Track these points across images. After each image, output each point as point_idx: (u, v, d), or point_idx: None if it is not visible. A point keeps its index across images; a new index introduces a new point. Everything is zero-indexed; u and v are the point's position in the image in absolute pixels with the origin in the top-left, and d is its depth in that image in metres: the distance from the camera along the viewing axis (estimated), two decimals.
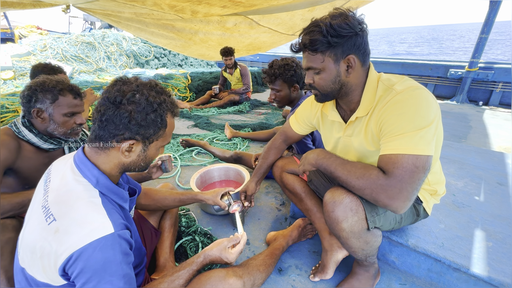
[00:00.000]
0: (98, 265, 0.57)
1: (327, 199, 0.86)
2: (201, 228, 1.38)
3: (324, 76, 0.85)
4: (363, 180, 0.76)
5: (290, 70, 1.54)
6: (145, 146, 0.73)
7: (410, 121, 0.72)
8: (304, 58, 0.88)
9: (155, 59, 5.86)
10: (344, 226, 0.84)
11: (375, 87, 0.85)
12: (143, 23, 3.76)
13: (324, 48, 0.80)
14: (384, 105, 0.79)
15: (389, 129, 0.76)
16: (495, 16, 3.62)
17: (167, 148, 2.38)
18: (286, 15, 3.60)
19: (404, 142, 0.72)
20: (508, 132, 2.79)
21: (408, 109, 0.74)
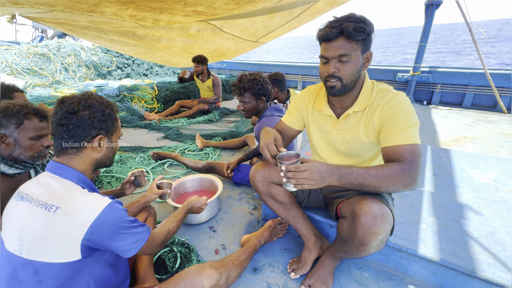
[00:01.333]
0: (116, 221, 0.76)
1: (366, 212, 0.88)
2: (178, 239, 1.44)
3: (352, 64, 0.92)
4: (394, 177, 0.85)
5: (258, 84, 1.69)
6: (110, 139, 0.91)
7: (410, 119, 0.92)
8: (332, 46, 0.91)
9: (118, 69, 5.67)
10: (380, 237, 0.90)
11: (371, 88, 1.02)
12: (101, 31, 3.65)
13: (361, 37, 0.89)
14: (386, 102, 0.95)
15: (394, 124, 0.92)
16: (430, 27, 4.16)
17: (138, 162, 2.37)
18: (248, 21, 3.74)
19: (409, 134, 0.90)
20: (446, 127, 3.23)
21: (407, 109, 0.93)
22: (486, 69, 3.88)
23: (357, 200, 0.94)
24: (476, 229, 1.22)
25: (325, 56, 0.94)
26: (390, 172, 0.85)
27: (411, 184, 0.86)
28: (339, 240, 1.06)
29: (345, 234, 0.98)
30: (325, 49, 0.94)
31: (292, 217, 1.24)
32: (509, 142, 2.73)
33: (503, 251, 1.10)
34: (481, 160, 1.90)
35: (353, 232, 0.92)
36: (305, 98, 1.20)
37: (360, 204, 0.91)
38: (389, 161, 0.93)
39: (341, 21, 0.88)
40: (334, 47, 0.91)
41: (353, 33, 0.87)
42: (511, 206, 1.38)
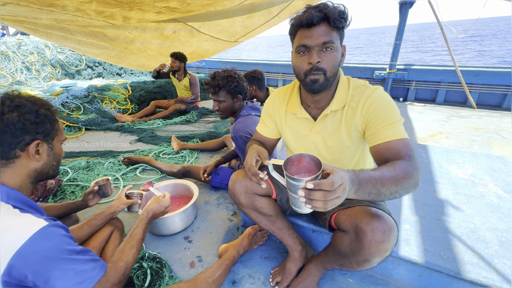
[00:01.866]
0: (50, 251, 0.60)
1: (373, 228, 0.78)
2: (149, 253, 1.31)
3: (335, 55, 0.84)
4: (408, 176, 0.72)
5: (233, 82, 1.57)
6: (50, 144, 0.77)
7: (394, 113, 0.85)
8: (315, 33, 0.81)
9: (88, 68, 5.31)
10: (388, 253, 0.82)
11: (347, 84, 0.94)
12: (67, 31, 3.37)
13: (342, 25, 0.82)
14: (366, 99, 0.88)
15: (380, 120, 0.84)
16: (404, 26, 4.26)
17: (107, 168, 2.18)
18: (227, 22, 3.65)
19: (398, 129, 0.83)
20: (422, 124, 3.30)
21: (389, 103, 0.87)
22: (457, 66, 4.04)
23: (360, 212, 0.84)
24: (458, 227, 1.20)
25: (307, 45, 0.83)
26: (403, 172, 0.72)
27: (419, 183, 0.76)
28: (334, 252, 0.97)
29: (346, 249, 0.87)
30: (306, 36, 0.82)
31: (277, 228, 1.14)
32: (480, 136, 2.83)
33: (485, 249, 1.08)
34: (458, 155, 1.93)
35: (357, 249, 0.82)
36: (276, 102, 1.10)
37: (366, 217, 0.80)
38: (384, 160, 0.81)
39: (321, 7, 0.81)
40: (318, 34, 0.80)
41: (338, 19, 0.80)
42: (489, 201, 1.38)
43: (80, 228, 1.10)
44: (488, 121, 3.35)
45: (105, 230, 1.18)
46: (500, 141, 2.68)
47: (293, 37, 0.89)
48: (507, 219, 1.25)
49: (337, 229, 0.96)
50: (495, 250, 1.08)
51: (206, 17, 3.47)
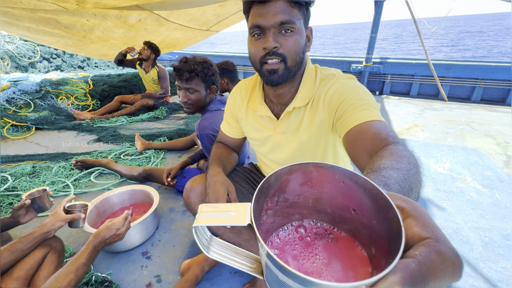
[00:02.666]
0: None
1: None
2: (96, 276, 1.10)
3: (297, 38, 0.68)
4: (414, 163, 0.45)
5: (210, 69, 1.36)
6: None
7: (367, 96, 0.67)
8: (271, 10, 0.65)
9: (44, 60, 4.77)
10: None
11: (314, 76, 0.77)
12: (11, 16, 2.93)
13: (303, 3, 0.67)
14: (329, 88, 0.72)
15: (349, 103, 0.66)
16: (380, 19, 4.25)
17: (56, 173, 1.89)
18: (197, 10, 3.39)
19: (372, 111, 0.62)
20: (398, 117, 3.31)
21: (358, 86, 0.70)
22: (429, 60, 4.10)
23: None
24: (441, 228, 1.12)
25: (260, 25, 0.66)
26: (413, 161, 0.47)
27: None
28: None
29: None
30: (259, 14, 0.66)
31: (243, 240, 0.98)
32: (453, 129, 2.86)
33: (470, 252, 1.00)
34: (435, 149, 1.88)
35: None
36: (237, 97, 0.94)
37: None
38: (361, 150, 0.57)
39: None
40: (273, 11, 0.64)
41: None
42: (469, 197, 1.32)
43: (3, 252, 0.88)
44: (459, 113, 3.43)
45: (35, 254, 0.97)
46: (471, 133, 2.72)
47: (247, 15, 0.72)
48: (488, 216, 1.19)
49: None
50: (480, 252, 1.00)
51: (174, 4, 3.19)
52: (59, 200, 1.60)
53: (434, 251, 0.21)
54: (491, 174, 1.55)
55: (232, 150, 1.06)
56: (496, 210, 1.23)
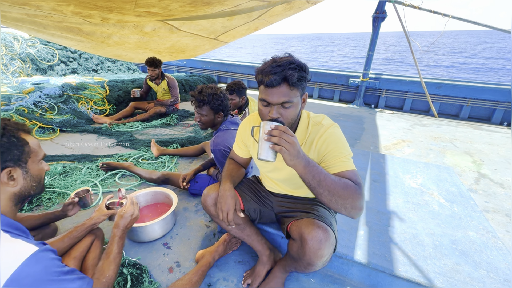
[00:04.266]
0: (42, 274, 0.65)
1: (312, 237, 0.94)
2: (129, 259, 1.39)
3: (293, 110, 0.93)
4: (348, 191, 0.87)
5: (218, 100, 1.66)
6: (24, 168, 0.79)
7: (345, 149, 0.99)
8: (275, 93, 0.90)
9: (62, 63, 5.09)
10: (325, 259, 0.97)
11: (307, 123, 1.07)
12: (39, 25, 3.24)
13: (302, 83, 0.91)
14: (320, 137, 1.01)
15: (332, 155, 0.97)
16: (377, 38, 4.56)
17: (85, 174, 2.19)
18: (207, 22, 3.68)
19: (348, 163, 0.96)
20: (388, 131, 3.60)
21: (340, 140, 1.00)
22: (421, 78, 4.41)
23: (305, 224, 1.00)
24: (403, 232, 1.41)
25: (267, 101, 0.93)
26: (345, 185, 0.88)
27: (358, 208, 0.89)
28: (289, 257, 1.13)
29: (295, 254, 1.04)
30: (267, 94, 0.92)
31: (246, 235, 1.29)
32: (436, 145, 3.16)
33: (422, 252, 1.29)
34: (412, 166, 2.18)
35: (301, 254, 0.99)
36: (247, 128, 1.24)
37: (308, 228, 0.97)
38: None
39: (283, 66, 0.88)
40: (277, 94, 0.90)
41: (296, 83, 0.89)
42: (432, 209, 1.62)
43: (61, 241, 1.15)
44: (446, 130, 3.73)
45: (86, 240, 1.25)
46: (452, 150, 3.02)
47: (258, 85, 0.99)
48: (443, 225, 1.48)
49: (290, 238, 1.13)
50: (430, 252, 1.29)
51: (187, 18, 3.50)
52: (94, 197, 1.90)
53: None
54: (455, 190, 1.84)
55: (241, 166, 1.36)
56: (451, 220, 1.52)
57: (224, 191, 1.16)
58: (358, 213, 0.90)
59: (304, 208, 1.17)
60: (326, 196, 0.88)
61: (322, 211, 1.12)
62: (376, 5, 4.38)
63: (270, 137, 0.84)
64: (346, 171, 0.95)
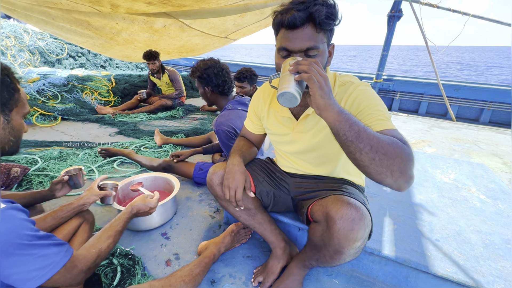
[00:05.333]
0: (7, 236, 0.53)
1: (342, 215, 0.73)
2: (121, 249, 1.20)
3: (320, 59, 0.74)
4: (394, 146, 0.63)
5: (198, 71, 1.50)
6: (7, 116, 0.67)
7: (382, 107, 0.78)
8: (298, 36, 0.72)
9: (70, 57, 5.05)
10: (358, 245, 0.76)
11: (333, 83, 0.87)
12: (48, 15, 3.17)
13: (330, 27, 0.73)
14: (349, 96, 0.82)
15: (369, 112, 0.76)
16: (392, 37, 4.40)
17: (82, 159, 2.03)
18: (218, 20, 3.60)
19: (389, 122, 0.75)
20: (405, 132, 3.38)
21: (373, 97, 0.80)
22: (439, 80, 4.20)
23: (331, 201, 0.79)
24: (444, 229, 1.19)
25: (288, 48, 0.75)
26: (391, 140, 0.64)
27: (409, 175, 0.64)
28: (310, 247, 0.92)
29: (318, 240, 0.83)
30: (288, 38, 0.74)
31: (257, 223, 1.08)
32: (460, 146, 2.92)
33: (471, 251, 1.07)
34: (441, 161, 1.96)
35: (327, 239, 0.78)
36: (260, 99, 1.07)
37: (336, 205, 0.76)
38: None
39: (307, 3, 0.71)
40: (301, 37, 0.72)
41: (325, 21, 0.70)
42: (473, 205, 1.39)
43: (43, 220, 0.98)
44: (467, 133, 3.49)
45: (72, 222, 1.07)
46: (478, 151, 2.78)
47: (276, 33, 0.81)
48: (490, 222, 1.26)
49: (312, 221, 0.92)
50: (481, 252, 1.07)
51: (198, 13, 3.41)
52: (88, 183, 1.72)
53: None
54: (495, 186, 1.61)
55: (253, 144, 1.17)
56: (498, 218, 1.29)
57: (233, 166, 0.97)
58: (408, 181, 0.65)
59: (329, 186, 0.97)
60: (368, 154, 0.63)
61: (351, 189, 0.91)
62: (391, 4, 4.25)
63: (297, 66, 0.65)
64: (387, 129, 0.71)
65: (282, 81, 0.68)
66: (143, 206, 1.04)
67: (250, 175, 1.09)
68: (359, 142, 0.63)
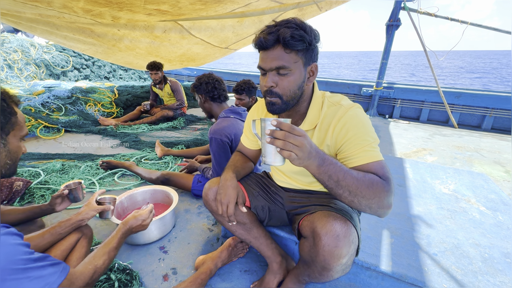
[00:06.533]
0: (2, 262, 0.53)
1: (327, 231, 0.74)
2: (119, 264, 1.20)
3: (292, 79, 0.79)
4: (374, 189, 0.71)
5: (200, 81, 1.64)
6: (3, 140, 0.70)
7: (368, 135, 0.80)
8: (269, 56, 0.78)
9: (75, 70, 5.17)
10: (344, 261, 0.77)
11: (321, 103, 0.89)
12: (52, 26, 3.27)
13: (302, 47, 0.76)
14: (338, 120, 0.83)
15: (353, 144, 0.80)
16: (391, 46, 4.44)
17: (84, 171, 2.06)
18: (217, 24, 3.62)
19: (373, 153, 0.78)
20: (406, 140, 3.37)
21: (362, 124, 0.82)
22: (439, 87, 4.21)
23: (318, 217, 0.80)
24: (442, 242, 1.18)
25: (262, 67, 0.81)
26: (370, 181, 0.72)
27: (386, 207, 0.73)
28: (301, 262, 0.92)
29: (307, 256, 0.83)
30: (261, 59, 0.80)
31: (253, 237, 1.08)
32: (461, 154, 2.90)
33: (469, 266, 1.05)
34: (441, 171, 1.95)
35: (314, 255, 0.78)
36: (255, 115, 1.10)
37: (321, 221, 0.77)
38: None
39: (278, 26, 0.76)
40: (271, 58, 0.78)
41: (291, 42, 0.74)
42: (472, 217, 1.38)
43: (41, 236, 0.99)
44: (469, 140, 3.47)
45: (70, 238, 1.08)
46: (480, 159, 2.76)
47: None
48: (489, 235, 1.24)
49: (302, 237, 0.92)
50: (479, 266, 1.05)
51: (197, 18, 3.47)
52: (88, 196, 1.75)
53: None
54: (495, 197, 1.60)
55: (249, 159, 1.19)
56: (498, 231, 1.28)
57: (225, 181, 0.99)
58: (386, 212, 0.74)
59: (319, 201, 0.97)
60: (347, 198, 0.72)
61: (340, 204, 0.91)
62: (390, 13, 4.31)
63: (274, 140, 0.66)
64: (371, 163, 0.77)
65: (263, 148, 0.71)
66: (135, 221, 1.06)
67: (245, 190, 1.10)
68: (338, 189, 0.71)
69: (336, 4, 3.48)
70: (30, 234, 1.00)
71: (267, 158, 0.70)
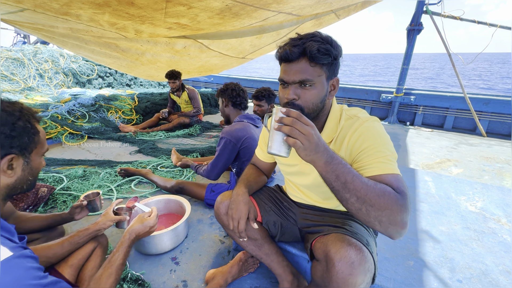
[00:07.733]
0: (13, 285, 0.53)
1: (341, 257, 0.71)
2: (132, 273, 1.23)
3: (315, 92, 0.78)
4: (385, 198, 0.65)
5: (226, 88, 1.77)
6: (26, 158, 0.72)
7: (385, 147, 0.77)
8: (293, 69, 0.77)
9: (99, 78, 5.45)
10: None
11: (338, 117, 0.87)
12: (82, 40, 3.49)
13: (327, 61, 0.76)
14: (354, 131, 0.81)
15: (368, 153, 0.76)
16: (412, 51, 4.28)
17: (103, 178, 2.14)
18: (236, 41, 3.73)
19: (389, 165, 0.74)
20: (429, 149, 3.21)
21: (379, 135, 0.78)
22: (465, 93, 3.98)
23: (332, 240, 0.76)
24: (468, 267, 1.10)
25: (284, 80, 0.79)
26: (382, 191, 0.66)
27: (400, 224, 0.65)
28: (313, 284, 0.89)
29: (319, 280, 0.80)
30: (284, 71, 0.79)
31: (264, 254, 1.06)
32: (491, 166, 2.71)
33: None
34: (467, 186, 1.82)
35: (327, 280, 0.75)
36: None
37: (336, 245, 0.73)
38: None
39: (304, 39, 0.76)
40: (295, 70, 0.77)
41: (317, 55, 0.74)
42: (502, 239, 1.27)
43: (60, 245, 1.03)
44: (499, 150, 3.23)
45: (86, 247, 1.12)
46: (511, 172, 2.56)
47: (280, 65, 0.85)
48: None
49: (315, 258, 0.88)
50: None
51: (216, 36, 3.56)
52: (107, 203, 1.81)
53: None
54: None
55: (262, 172, 1.18)
56: None
57: (237, 196, 0.98)
58: (398, 231, 0.66)
59: (333, 222, 0.93)
60: (354, 204, 0.66)
61: (356, 226, 0.87)
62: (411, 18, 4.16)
63: (281, 126, 0.65)
64: (385, 174, 0.72)
65: (270, 137, 0.70)
66: (141, 228, 1.04)
67: (257, 204, 1.09)
68: (345, 192, 0.66)
69: (355, 11, 3.42)
70: (50, 242, 1.05)
71: (273, 146, 0.68)
